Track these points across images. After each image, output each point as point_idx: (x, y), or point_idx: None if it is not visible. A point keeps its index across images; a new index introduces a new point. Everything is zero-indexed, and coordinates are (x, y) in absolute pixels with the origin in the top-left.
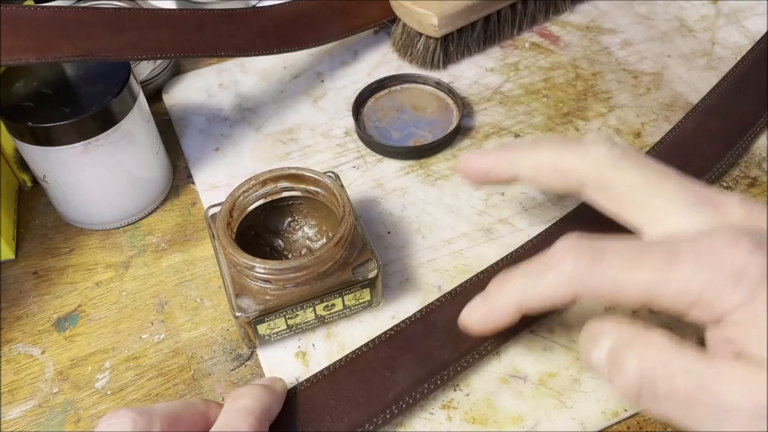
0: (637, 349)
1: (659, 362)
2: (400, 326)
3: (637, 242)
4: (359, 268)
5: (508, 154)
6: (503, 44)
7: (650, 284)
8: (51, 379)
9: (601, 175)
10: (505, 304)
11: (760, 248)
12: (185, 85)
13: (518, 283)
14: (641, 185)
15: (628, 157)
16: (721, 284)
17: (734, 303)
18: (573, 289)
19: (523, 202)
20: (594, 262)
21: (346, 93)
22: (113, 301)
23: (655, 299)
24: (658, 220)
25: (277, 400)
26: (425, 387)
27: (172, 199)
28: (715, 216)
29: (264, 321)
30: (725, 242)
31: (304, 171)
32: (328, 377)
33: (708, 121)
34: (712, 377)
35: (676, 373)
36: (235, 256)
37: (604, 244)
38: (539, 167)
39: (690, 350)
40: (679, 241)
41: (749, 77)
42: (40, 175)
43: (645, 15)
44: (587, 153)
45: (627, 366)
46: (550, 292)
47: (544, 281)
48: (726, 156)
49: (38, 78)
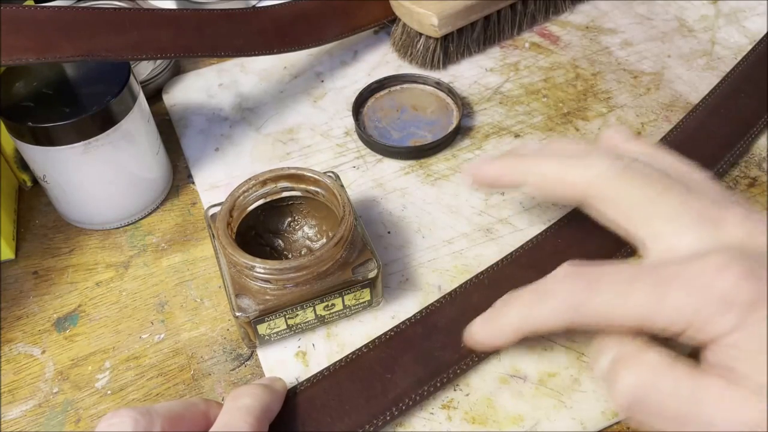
0: (632, 366)
1: (651, 380)
2: (400, 327)
3: (631, 267)
4: (359, 268)
5: (516, 163)
6: (503, 44)
7: (643, 311)
8: (51, 378)
9: (605, 189)
10: (504, 329)
11: (750, 274)
12: (185, 85)
13: (518, 309)
14: (643, 201)
15: (631, 171)
16: (710, 310)
17: (724, 328)
18: (569, 316)
19: (523, 202)
20: (590, 291)
21: (346, 93)
22: (113, 301)
23: (647, 325)
24: (659, 236)
25: (277, 399)
26: (425, 389)
27: (172, 199)
28: (715, 234)
29: (264, 321)
30: (715, 267)
31: (304, 171)
32: (329, 377)
33: (709, 120)
34: (702, 397)
35: (667, 391)
36: (235, 256)
37: (599, 271)
38: (545, 177)
39: (683, 369)
40: (671, 266)
41: (750, 77)
42: (40, 175)
43: (645, 15)
44: (591, 165)
45: (621, 381)
46: (548, 320)
47: (542, 309)
48: (726, 156)
49: (38, 78)
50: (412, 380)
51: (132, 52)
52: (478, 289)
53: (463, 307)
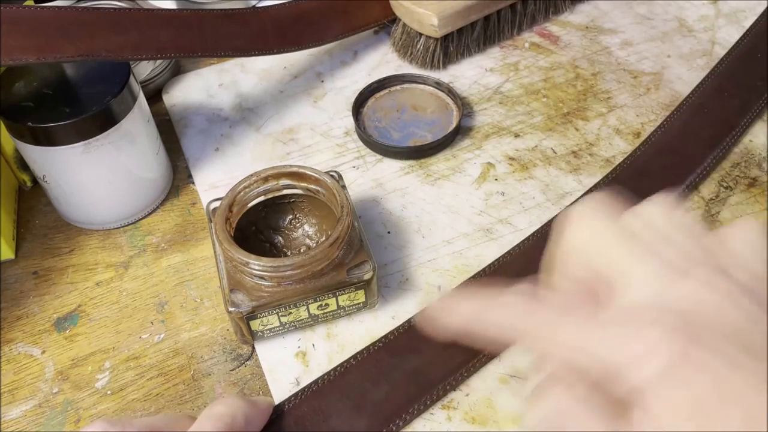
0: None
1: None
2: (388, 338)
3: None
4: (354, 269)
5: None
6: (503, 44)
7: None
8: (51, 379)
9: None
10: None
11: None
12: (185, 85)
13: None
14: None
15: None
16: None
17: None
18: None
19: (523, 202)
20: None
21: (346, 93)
22: (113, 301)
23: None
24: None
25: (257, 412)
26: (415, 407)
27: (172, 199)
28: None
29: (257, 317)
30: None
31: (306, 169)
32: (317, 394)
33: (692, 120)
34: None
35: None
36: (231, 252)
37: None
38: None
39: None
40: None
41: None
42: (40, 175)
43: (645, 15)
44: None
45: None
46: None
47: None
48: (710, 156)
49: (38, 78)
50: (403, 399)
51: (132, 52)
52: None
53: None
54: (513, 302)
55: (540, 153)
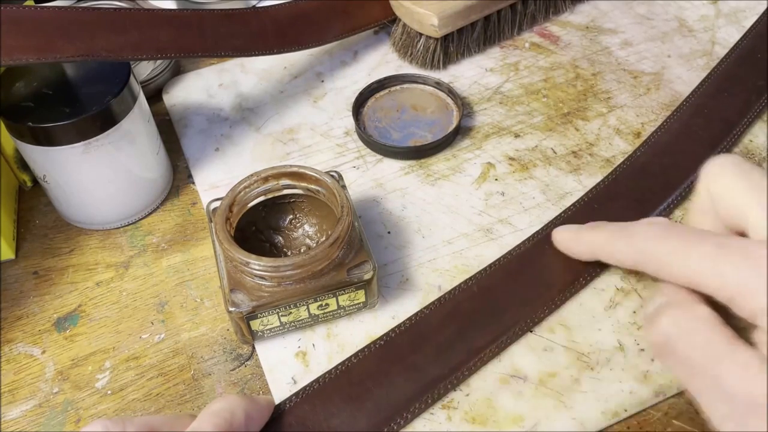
0: (676, 313)
1: (687, 329)
2: (389, 336)
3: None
4: (355, 269)
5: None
6: (503, 44)
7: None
8: (51, 379)
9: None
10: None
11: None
12: (185, 85)
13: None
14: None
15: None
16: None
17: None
18: (637, 258)
19: (523, 202)
20: (659, 240)
21: (346, 93)
22: (113, 301)
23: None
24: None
25: (258, 409)
26: (416, 406)
27: (172, 199)
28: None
29: (257, 317)
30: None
31: (306, 169)
32: (319, 393)
33: (692, 121)
34: (726, 360)
35: (697, 344)
36: (231, 252)
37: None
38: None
39: (722, 331)
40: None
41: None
42: (40, 175)
43: (645, 15)
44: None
45: (660, 322)
46: (619, 254)
47: (618, 243)
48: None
49: (38, 78)
50: (403, 398)
51: (132, 52)
52: (466, 295)
53: (451, 313)
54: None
55: (540, 153)
